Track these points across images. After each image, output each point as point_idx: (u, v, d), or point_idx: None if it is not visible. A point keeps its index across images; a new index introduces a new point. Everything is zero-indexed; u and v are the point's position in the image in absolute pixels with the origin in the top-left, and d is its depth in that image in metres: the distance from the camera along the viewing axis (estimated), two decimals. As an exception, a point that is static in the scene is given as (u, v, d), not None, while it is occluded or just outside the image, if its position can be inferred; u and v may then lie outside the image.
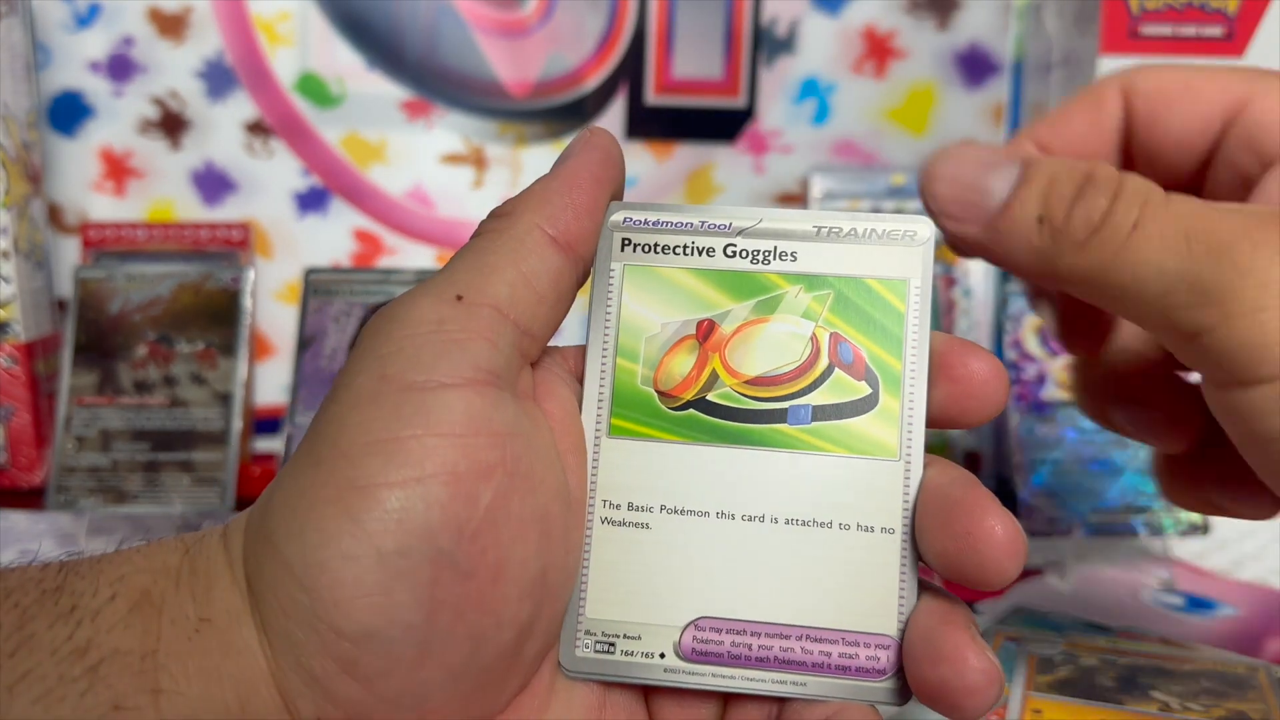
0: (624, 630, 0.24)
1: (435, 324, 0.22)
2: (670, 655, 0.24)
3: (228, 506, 0.53)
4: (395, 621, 0.21)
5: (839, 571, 0.24)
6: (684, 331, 0.25)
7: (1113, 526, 0.48)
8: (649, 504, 0.24)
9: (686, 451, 0.25)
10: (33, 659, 0.19)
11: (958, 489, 0.23)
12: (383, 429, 0.21)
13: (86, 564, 0.22)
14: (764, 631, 0.24)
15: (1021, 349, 0.51)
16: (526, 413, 0.23)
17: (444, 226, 0.66)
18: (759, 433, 0.24)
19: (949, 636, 0.22)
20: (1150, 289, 0.21)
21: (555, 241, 0.24)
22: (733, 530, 0.24)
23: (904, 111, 0.66)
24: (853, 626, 0.24)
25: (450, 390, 0.22)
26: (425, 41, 0.65)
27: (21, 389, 0.56)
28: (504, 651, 0.22)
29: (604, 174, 0.25)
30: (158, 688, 0.20)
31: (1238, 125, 0.25)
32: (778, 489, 0.24)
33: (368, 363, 0.22)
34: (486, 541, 0.21)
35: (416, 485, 0.21)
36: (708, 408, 0.25)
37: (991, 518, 0.22)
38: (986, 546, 0.22)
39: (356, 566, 0.20)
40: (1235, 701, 0.35)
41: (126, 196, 0.65)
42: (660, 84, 0.66)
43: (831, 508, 0.24)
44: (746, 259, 0.25)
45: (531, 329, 0.24)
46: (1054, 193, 0.23)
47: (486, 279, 0.23)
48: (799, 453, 0.24)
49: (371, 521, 0.20)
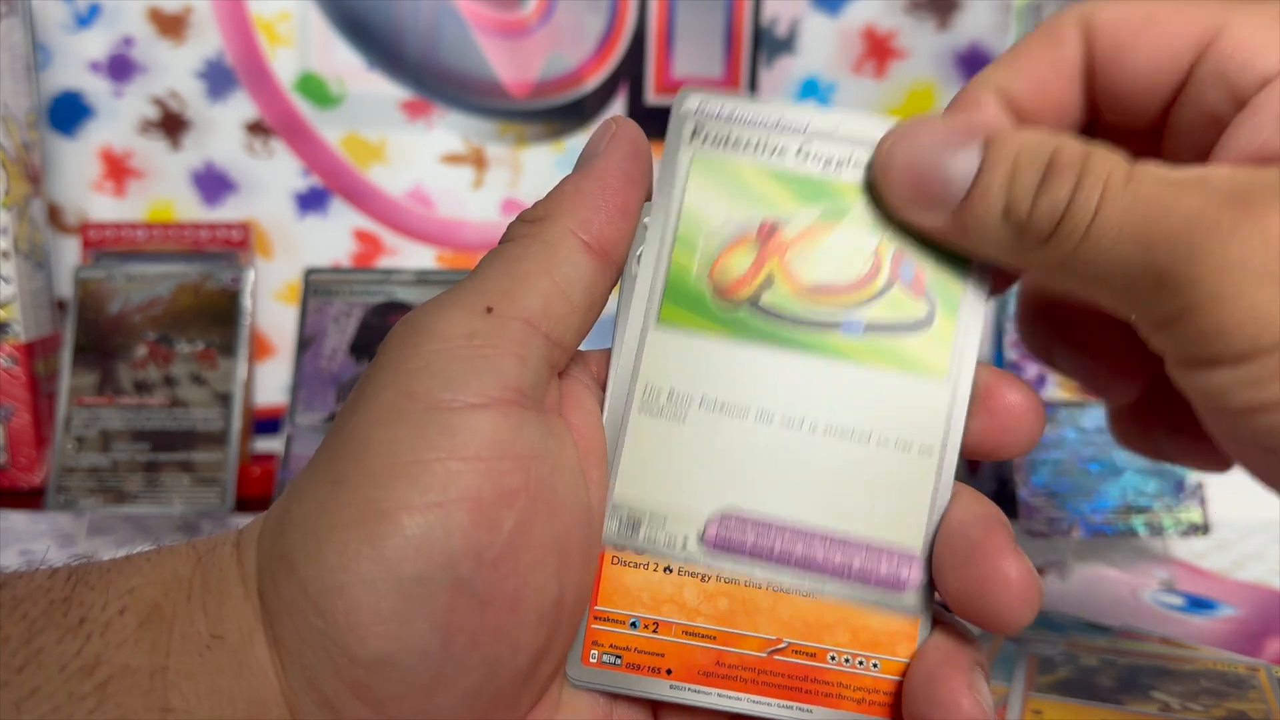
0: (651, 510, 0.24)
1: (464, 338, 0.22)
2: (693, 542, 0.24)
3: (228, 507, 0.53)
4: (410, 649, 0.20)
5: (872, 484, 0.24)
6: (746, 229, 0.24)
7: (1113, 526, 0.48)
8: (689, 395, 0.24)
9: (733, 349, 0.24)
10: (41, 675, 0.19)
11: (979, 530, 0.22)
12: (407, 450, 0.21)
13: (96, 573, 0.21)
14: (789, 530, 0.23)
15: (1022, 349, 0.51)
16: (552, 430, 0.23)
17: (444, 226, 0.66)
18: (809, 339, 0.24)
19: (948, 679, 0.22)
20: (1115, 280, 0.21)
21: (589, 248, 0.23)
22: (770, 433, 0.24)
23: (904, 111, 0.66)
24: (879, 537, 0.23)
25: (477, 412, 0.21)
26: (425, 41, 0.65)
27: (21, 389, 0.56)
28: (518, 675, 0.22)
29: (635, 170, 0.24)
30: (168, 706, 0.20)
31: (1207, 59, 0.23)
32: (821, 397, 0.24)
33: (394, 376, 0.22)
34: (506, 569, 0.21)
35: (439, 511, 0.20)
36: (760, 309, 0.24)
37: (1008, 563, 0.22)
38: (1001, 593, 0.21)
39: (374, 593, 0.20)
40: (1235, 701, 0.35)
41: (126, 196, 0.65)
42: (660, 84, 0.66)
43: (873, 421, 0.24)
44: (819, 164, 0.24)
45: (563, 340, 0.23)
46: (1017, 181, 0.22)
47: (518, 288, 0.22)
48: (847, 363, 0.24)
49: (392, 547, 0.20)
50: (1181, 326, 0.20)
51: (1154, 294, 0.20)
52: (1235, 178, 0.21)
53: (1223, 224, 0.20)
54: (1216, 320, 0.20)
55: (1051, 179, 0.21)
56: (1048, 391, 0.51)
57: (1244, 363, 0.20)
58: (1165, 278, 0.20)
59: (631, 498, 0.24)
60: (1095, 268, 0.21)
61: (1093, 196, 0.21)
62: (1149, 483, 0.49)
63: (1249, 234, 0.19)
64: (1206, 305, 0.20)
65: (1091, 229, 0.21)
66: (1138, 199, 0.21)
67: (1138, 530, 0.48)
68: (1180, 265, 0.20)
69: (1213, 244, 0.20)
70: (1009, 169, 0.22)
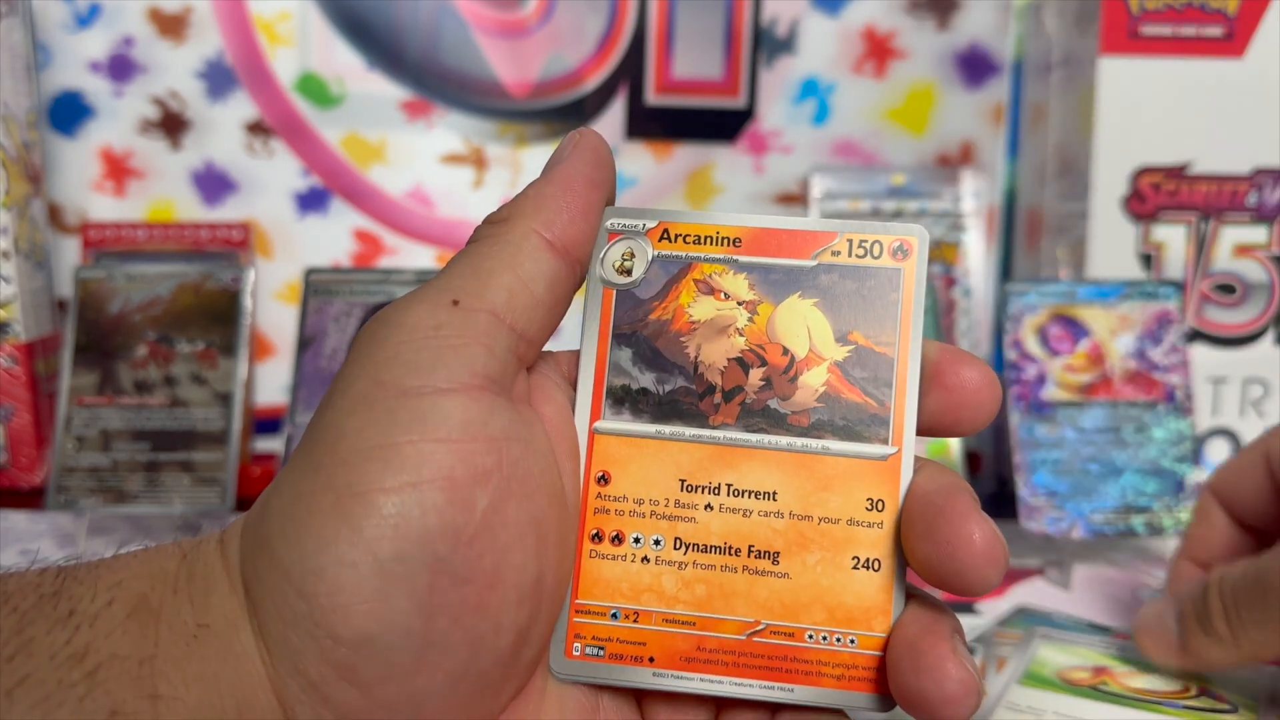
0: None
1: (432, 329, 0.22)
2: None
3: (228, 507, 0.53)
4: (393, 628, 0.21)
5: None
6: None
7: (1113, 526, 0.48)
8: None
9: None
10: (31, 663, 0.19)
11: (941, 497, 0.23)
12: (379, 434, 0.21)
13: (84, 569, 0.22)
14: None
15: (1021, 349, 0.51)
16: (522, 417, 0.23)
17: (444, 226, 0.66)
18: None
19: (932, 647, 0.22)
20: None
21: (552, 246, 0.24)
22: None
23: (904, 112, 0.66)
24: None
25: (446, 396, 0.22)
26: (425, 41, 0.65)
27: (21, 389, 0.56)
28: (501, 657, 0.22)
29: (597, 176, 0.25)
30: (156, 693, 0.20)
31: None
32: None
33: (364, 367, 0.22)
34: (483, 547, 0.21)
35: (413, 491, 0.21)
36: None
37: (971, 524, 0.22)
38: (967, 554, 0.22)
39: (354, 573, 0.20)
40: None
41: (126, 196, 0.65)
42: (660, 84, 0.66)
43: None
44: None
45: (528, 333, 0.24)
46: (1191, 622, 0.34)
47: (483, 284, 0.23)
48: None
49: (369, 528, 0.20)
50: None
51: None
52: None
53: None
54: None
55: (1212, 614, 0.34)
56: (1048, 391, 0.51)
57: None
58: None
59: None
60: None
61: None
62: (1149, 483, 0.49)
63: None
64: None
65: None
66: None
67: (1138, 530, 0.48)
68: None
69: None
70: (1192, 615, 0.35)
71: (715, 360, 0.25)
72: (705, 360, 0.25)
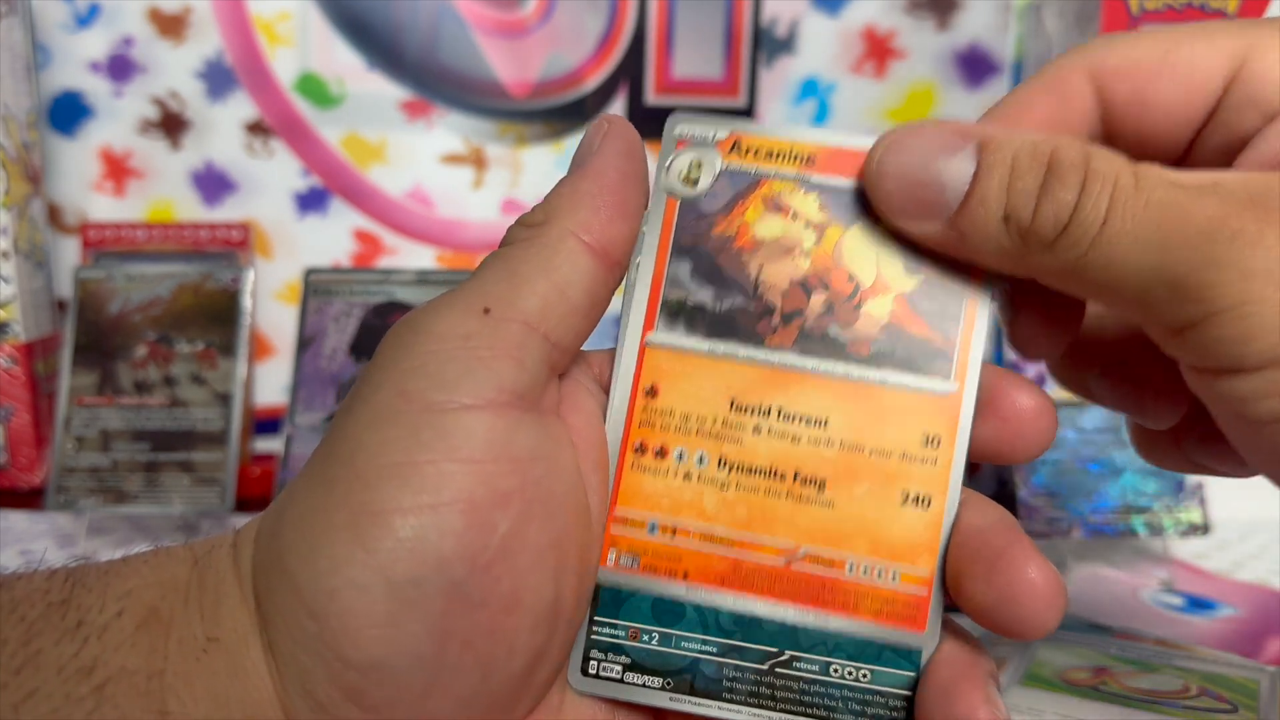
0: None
1: (461, 339, 0.21)
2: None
3: (227, 507, 0.53)
4: (404, 652, 0.20)
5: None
6: None
7: (1113, 526, 0.48)
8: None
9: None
10: (39, 677, 0.19)
11: (998, 537, 0.22)
12: (400, 452, 0.20)
13: (94, 574, 0.21)
14: None
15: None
16: (549, 432, 0.22)
17: (444, 226, 0.66)
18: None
19: (965, 695, 0.22)
20: (1127, 286, 0.20)
21: (591, 249, 0.23)
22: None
23: (904, 112, 0.66)
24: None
25: (471, 413, 0.21)
26: (425, 41, 0.65)
27: (21, 389, 0.56)
28: (514, 680, 0.22)
29: (631, 168, 0.24)
30: (165, 709, 0.20)
31: (1236, 87, 0.23)
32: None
33: (389, 374, 0.21)
34: (501, 571, 0.21)
35: (431, 513, 0.20)
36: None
37: (1032, 569, 0.21)
38: (1029, 600, 0.21)
39: (366, 596, 0.20)
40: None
41: (126, 196, 0.65)
42: (660, 84, 0.66)
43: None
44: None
45: (563, 342, 0.23)
46: (1016, 184, 0.21)
47: (516, 291, 0.22)
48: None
49: (383, 550, 0.20)
50: (1200, 333, 0.20)
51: (1169, 300, 0.20)
52: (1252, 183, 0.20)
53: (1246, 231, 0.19)
54: (1239, 328, 0.19)
55: (1053, 182, 0.21)
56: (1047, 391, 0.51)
57: (1266, 370, 0.19)
58: (1181, 284, 0.20)
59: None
60: (1105, 273, 0.21)
61: (1101, 201, 0.20)
62: (1149, 483, 0.49)
63: (1274, 241, 0.19)
64: (1228, 312, 0.19)
65: (1102, 234, 0.20)
66: (1150, 203, 0.20)
67: (1138, 530, 0.48)
68: (1198, 271, 0.19)
69: (1234, 251, 0.19)
70: (1006, 172, 0.21)
71: (777, 281, 0.24)
72: (767, 280, 0.24)
